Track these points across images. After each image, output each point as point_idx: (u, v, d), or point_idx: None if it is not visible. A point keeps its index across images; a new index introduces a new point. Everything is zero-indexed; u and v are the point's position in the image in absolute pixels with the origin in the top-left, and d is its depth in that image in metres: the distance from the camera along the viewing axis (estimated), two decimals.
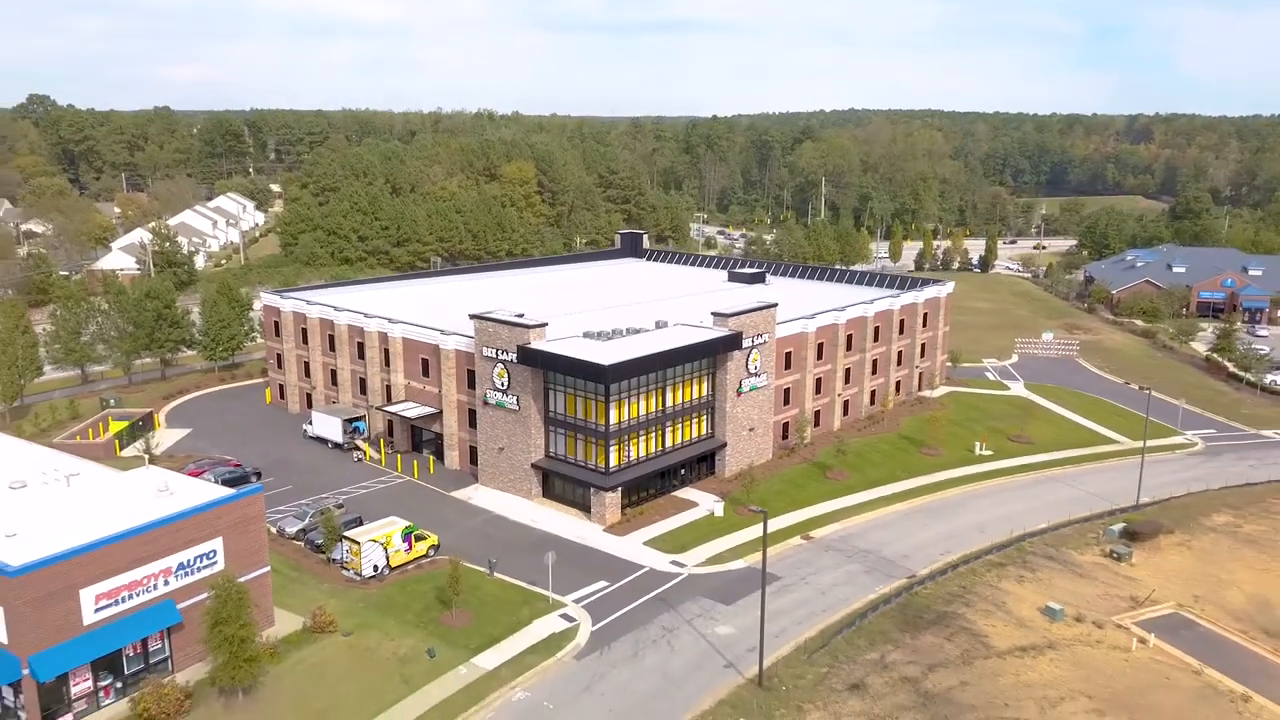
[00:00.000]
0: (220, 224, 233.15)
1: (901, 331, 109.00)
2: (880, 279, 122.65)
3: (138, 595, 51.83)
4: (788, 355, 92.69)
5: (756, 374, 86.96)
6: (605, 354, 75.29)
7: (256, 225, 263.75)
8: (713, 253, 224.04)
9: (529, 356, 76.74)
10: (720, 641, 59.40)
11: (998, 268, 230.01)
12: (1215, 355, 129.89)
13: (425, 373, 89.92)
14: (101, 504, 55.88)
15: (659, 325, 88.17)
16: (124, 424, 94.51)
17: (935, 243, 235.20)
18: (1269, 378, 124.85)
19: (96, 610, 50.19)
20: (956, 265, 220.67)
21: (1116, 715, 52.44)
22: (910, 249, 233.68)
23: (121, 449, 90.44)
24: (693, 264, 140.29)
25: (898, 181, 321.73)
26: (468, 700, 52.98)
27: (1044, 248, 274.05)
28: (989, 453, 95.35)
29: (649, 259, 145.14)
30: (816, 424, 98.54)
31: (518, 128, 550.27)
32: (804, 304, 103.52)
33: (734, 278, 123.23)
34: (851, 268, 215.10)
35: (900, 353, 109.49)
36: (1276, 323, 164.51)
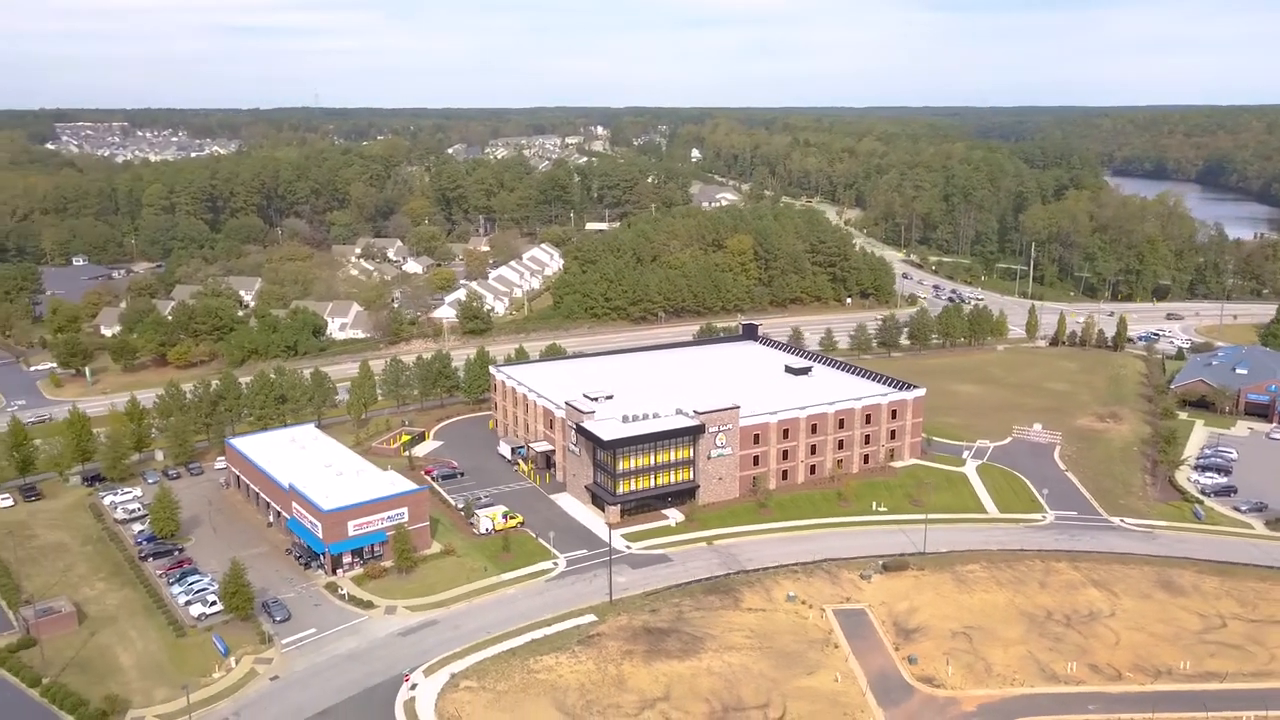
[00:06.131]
0: (526, 275, 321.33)
1: (868, 421, 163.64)
2: (889, 380, 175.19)
3: (370, 526, 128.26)
4: (756, 435, 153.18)
5: (722, 447, 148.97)
6: (614, 432, 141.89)
7: (558, 271, 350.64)
8: (831, 319, 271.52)
9: (580, 430, 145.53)
10: (615, 584, 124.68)
11: (1177, 339, 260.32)
12: (1160, 454, 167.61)
13: (549, 426, 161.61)
14: (367, 486, 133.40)
15: (678, 412, 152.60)
16: (408, 437, 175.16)
17: (1070, 316, 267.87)
18: (1192, 476, 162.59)
19: (354, 530, 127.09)
20: (1094, 342, 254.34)
21: (754, 639, 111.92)
22: (1050, 316, 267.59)
23: (405, 452, 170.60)
24: (784, 350, 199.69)
25: (1125, 243, 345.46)
26: (489, 589, 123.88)
27: (1236, 318, 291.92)
28: (884, 509, 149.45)
29: (761, 343, 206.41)
30: (785, 479, 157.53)
31: (871, 120, 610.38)
32: (823, 394, 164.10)
33: (788, 370, 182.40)
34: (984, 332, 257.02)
35: (867, 435, 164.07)
36: None
